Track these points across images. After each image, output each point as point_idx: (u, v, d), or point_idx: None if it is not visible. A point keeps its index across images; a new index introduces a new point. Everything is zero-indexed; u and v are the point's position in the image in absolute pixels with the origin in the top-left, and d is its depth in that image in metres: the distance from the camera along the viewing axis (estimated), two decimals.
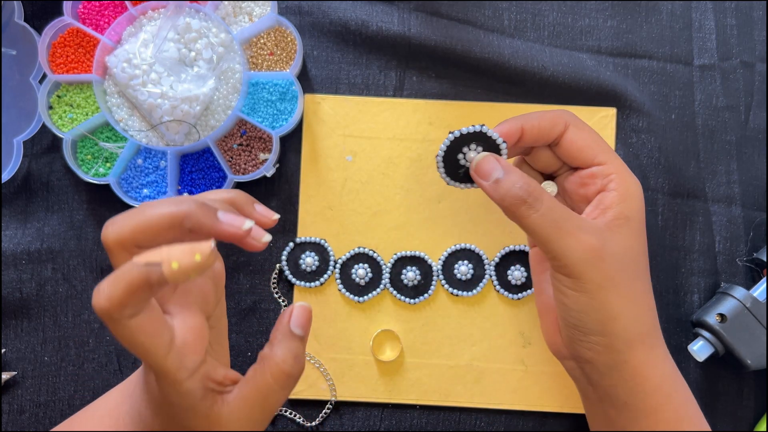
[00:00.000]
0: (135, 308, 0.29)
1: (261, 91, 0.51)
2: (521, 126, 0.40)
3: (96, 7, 0.52)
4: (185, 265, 0.29)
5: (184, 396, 0.32)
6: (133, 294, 0.29)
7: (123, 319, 0.29)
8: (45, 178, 0.53)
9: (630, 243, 0.38)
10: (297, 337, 0.34)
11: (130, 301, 0.29)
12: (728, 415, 0.51)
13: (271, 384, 0.33)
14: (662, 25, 0.54)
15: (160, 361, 0.31)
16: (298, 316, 0.34)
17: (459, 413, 0.51)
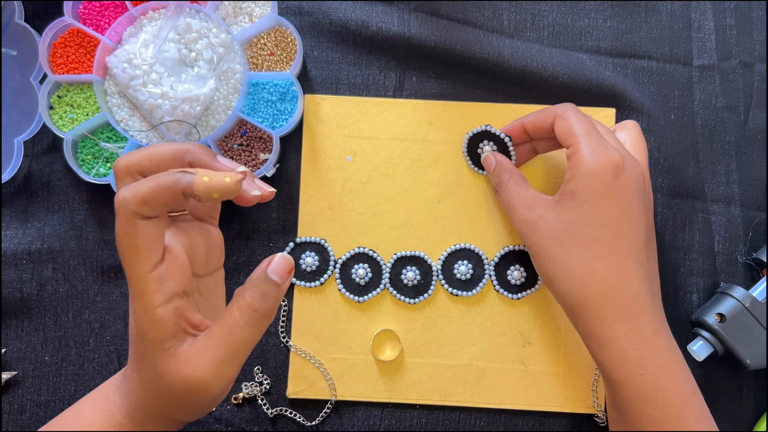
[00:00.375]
0: (153, 210, 0.32)
1: (261, 91, 0.51)
2: (522, 123, 0.48)
3: (96, 8, 0.52)
4: (214, 181, 0.33)
5: (156, 324, 0.33)
6: (159, 194, 0.32)
7: (136, 215, 0.32)
8: (45, 178, 0.53)
9: (568, 216, 0.42)
10: (271, 282, 0.34)
11: (153, 200, 0.32)
12: (728, 414, 0.51)
13: (237, 318, 0.34)
14: (661, 25, 0.54)
15: (144, 272, 0.33)
16: (277, 264, 0.35)
17: (459, 413, 0.51)
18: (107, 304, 0.52)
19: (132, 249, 0.33)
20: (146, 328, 0.33)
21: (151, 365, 0.34)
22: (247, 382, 0.51)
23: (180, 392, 0.34)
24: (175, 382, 0.34)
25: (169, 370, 0.34)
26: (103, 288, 0.52)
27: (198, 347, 0.34)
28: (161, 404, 0.35)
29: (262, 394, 0.51)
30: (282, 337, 0.52)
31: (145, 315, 0.33)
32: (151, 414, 0.36)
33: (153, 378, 0.35)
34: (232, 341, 0.34)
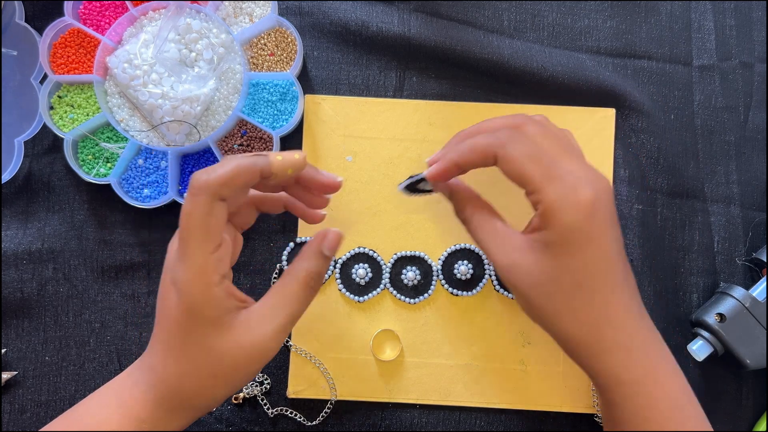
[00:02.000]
0: (231, 191, 0.35)
1: (261, 91, 0.51)
2: (455, 162, 0.39)
3: (97, 8, 0.52)
4: (287, 158, 0.36)
5: (214, 302, 0.35)
6: (239, 175, 0.34)
7: (216, 196, 0.34)
8: (46, 178, 0.53)
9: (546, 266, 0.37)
10: (324, 256, 0.38)
11: (233, 182, 0.34)
12: (727, 414, 0.51)
13: (297, 290, 0.37)
14: (661, 25, 0.54)
15: (208, 252, 0.35)
16: (331, 240, 0.39)
17: (459, 413, 0.51)
18: (107, 304, 0.52)
19: (203, 228, 0.35)
20: (203, 306, 0.35)
21: (201, 344, 0.36)
22: None
23: (236, 363, 0.36)
24: (231, 353, 0.36)
25: (226, 343, 0.36)
26: (103, 288, 0.52)
27: (258, 316, 0.36)
28: (202, 385, 0.36)
29: (262, 394, 0.51)
30: None
31: (204, 293, 0.35)
32: (183, 401, 0.37)
33: (200, 357, 0.36)
34: (291, 309, 0.37)
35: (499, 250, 0.39)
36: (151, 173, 0.51)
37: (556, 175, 0.36)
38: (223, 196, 0.35)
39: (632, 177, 0.53)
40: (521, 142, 0.37)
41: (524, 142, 0.37)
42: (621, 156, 0.53)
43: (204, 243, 0.35)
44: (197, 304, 0.35)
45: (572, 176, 0.36)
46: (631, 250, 0.52)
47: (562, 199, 0.35)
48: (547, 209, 0.36)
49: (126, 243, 0.52)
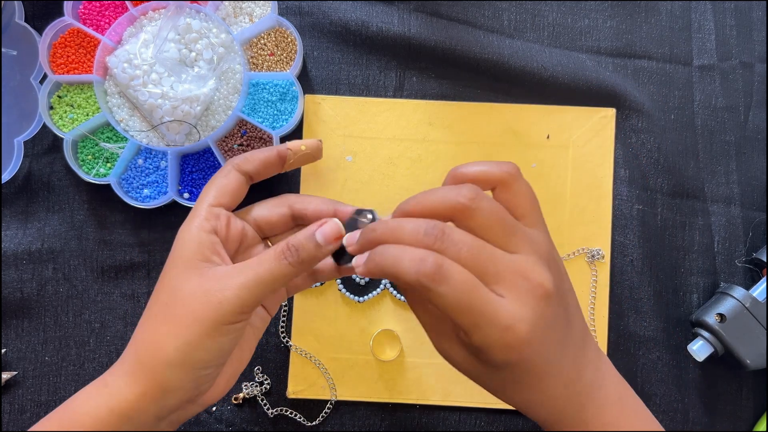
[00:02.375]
0: (252, 167, 0.41)
1: (261, 91, 0.51)
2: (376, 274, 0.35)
3: (97, 8, 0.52)
4: (311, 145, 0.44)
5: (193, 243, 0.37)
6: (260, 154, 0.41)
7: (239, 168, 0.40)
8: (46, 178, 0.53)
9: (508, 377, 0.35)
10: (314, 241, 0.36)
11: (254, 159, 0.41)
12: (727, 414, 0.51)
13: (270, 256, 0.36)
14: (662, 25, 0.54)
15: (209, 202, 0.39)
16: (327, 230, 0.37)
17: (459, 413, 0.51)
18: (107, 304, 0.52)
19: (214, 185, 0.39)
20: (184, 246, 0.37)
21: (171, 285, 0.37)
22: (248, 382, 0.51)
23: (194, 306, 0.35)
24: (193, 296, 0.36)
25: (193, 285, 0.36)
26: (103, 288, 0.52)
27: (226, 270, 0.37)
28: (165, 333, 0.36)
29: (262, 394, 0.51)
30: (282, 337, 0.52)
31: (190, 234, 0.37)
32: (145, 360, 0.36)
33: (168, 299, 0.36)
34: (257, 271, 0.36)
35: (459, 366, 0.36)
36: (151, 173, 0.51)
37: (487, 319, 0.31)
38: (242, 168, 0.40)
39: (632, 177, 0.53)
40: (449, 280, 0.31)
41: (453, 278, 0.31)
42: (621, 156, 0.53)
43: (209, 196, 0.39)
44: (180, 244, 0.37)
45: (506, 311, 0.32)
46: (631, 250, 0.52)
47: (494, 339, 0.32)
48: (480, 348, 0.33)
49: (126, 243, 0.52)
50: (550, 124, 0.53)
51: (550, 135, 0.53)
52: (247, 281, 0.35)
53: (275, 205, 0.42)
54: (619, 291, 0.52)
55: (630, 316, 0.52)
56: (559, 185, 0.52)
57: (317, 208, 0.41)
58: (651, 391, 0.51)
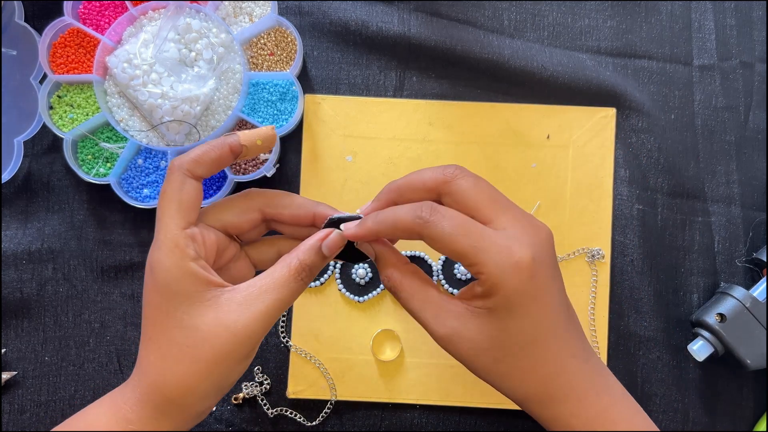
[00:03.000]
0: (204, 168, 0.37)
1: (261, 91, 0.51)
2: (377, 232, 0.37)
3: (96, 8, 0.52)
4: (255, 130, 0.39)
5: (190, 277, 0.35)
6: (209, 152, 0.37)
7: (188, 173, 0.36)
8: (45, 178, 0.53)
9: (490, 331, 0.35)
10: (321, 254, 0.37)
11: (204, 157, 0.37)
12: (728, 414, 0.51)
13: (287, 277, 0.36)
14: (662, 25, 0.54)
15: (179, 227, 0.35)
16: (332, 241, 0.37)
17: (459, 413, 0.51)
18: (107, 304, 0.52)
19: (175, 203, 0.36)
20: (179, 280, 0.35)
21: (181, 324, 0.35)
22: (247, 382, 0.51)
23: (220, 345, 0.34)
24: (214, 333, 0.34)
25: (209, 322, 0.34)
26: (103, 288, 0.52)
27: (244, 296, 0.35)
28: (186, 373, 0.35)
29: (262, 394, 0.51)
30: (282, 337, 0.52)
31: (178, 266, 0.35)
32: (167, 397, 0.35)
33: (182, 339, 0.35)
34: (279, 294, 0.35)
35: (437, 320, 0.36)
36: (151, 173, 0.51)
37: (489, 243, 0.34)
38: (196, 172, 0.37)
39: (632, 177, 0.53)
40: (445, 217, 0.35)
41: (448, 215, 0.35)
42: (621, 156, 0.53)
43: (175, 217, 0.36)
44: (173, 279, 0.35)
45: (507, 238, 0.34)
46: (631, 250, 0.52)
47: (501, 267, 0.34)
48: (488, 279, 0.34)
49: (126, 243, 0.52)
50: (550, 124, 0.53)
51: (550, 135, 0.53)
52: (270, 307, 0.35)
53: (244, 211, 0.39)
54: (619, 291, 0.52)
55: (630, 316, 0.52)
56: (559, 185, 0.52)
57: (294, 214, 0.39)
58: (651, 391, 0.51)
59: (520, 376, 0.36)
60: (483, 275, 0.34)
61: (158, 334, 0.35)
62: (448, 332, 0.36)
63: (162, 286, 0.35)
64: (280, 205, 0.39)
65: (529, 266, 0.34)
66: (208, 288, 0.35)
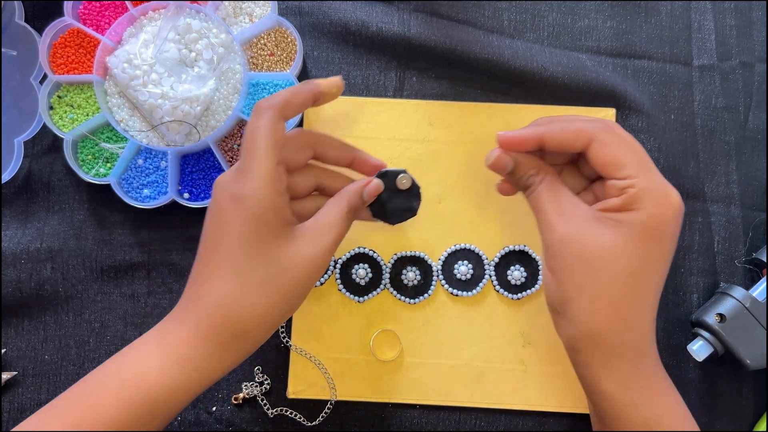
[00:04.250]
0: (292, 111, 0.39)
1: (261, 91, 0.51)
2: (541, 135, 0.39)
3: (97, 8, 0.52)
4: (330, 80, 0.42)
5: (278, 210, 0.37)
6: (296, 96, 0.39)
7: (279, 114, 0.38)
8: (46, 178, 0.53)
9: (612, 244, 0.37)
10: (362, 200, 0.42)
11: (293, 102, 0.39)
12: (727, 414, 0.51)
13: (342, 216, 0.40)
14: (661, 25, 0.54)
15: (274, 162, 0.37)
16: (371, 189, 0.42)
17: (459, 413, 0.51)
18: (107, 304, 0.52)
19: (270, 140, 0.37)
20: (272, 214, 0.37)
21: (268, 255, 0.37)
22: (248, 382, 0.51)
23: (299, 274, 0.38)
24: (295, 263, 0.37)
25: (290, 254, 0.37)
26: (103, 288, 0.52)
27: (314, 231, 0.39)
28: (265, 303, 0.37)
29: (262, 394, 0.51)
30: (282, 337, 0.52)
31: (273, 200, 0.37)
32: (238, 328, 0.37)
33: (267, 269, 0.37)
34: (338, 230, 0.40)
35: (565, 217, 0.38)
36: (151, 173, 0.51)
37: (648, 170, 0.37)
38: (285, 115, 0.39)
39: None
40: (616, 133, 0.38)
41: (619, 133, 0.38)
42: None
43: (271, 153, 0.37)
44: (265, 211, 0.37)
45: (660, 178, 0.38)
46: None
47: (655, 191, 0.37)
48: (639, 195, 0.36)
49: (126, 243, 0.52)
50: None
51: None
52: (333, 242, 0.39)
53: (303, 147, 0.42)
54: None
55: None
56: None
57: (338, 155, 0.44)
58: None
59: (605, 303, 0.37)
60: (633, 189, 0.36)
61: (244, 265, 0.37)
62: (574, 230, 0.37)
63: (253, 217, 0.36)
64: (329, 146, 0.43)
65: (678, 206, 0.37)
66: (288, 222, 0.38)
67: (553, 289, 0.39)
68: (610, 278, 0.37)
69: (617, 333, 0.37)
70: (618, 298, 0.37)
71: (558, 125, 0.39)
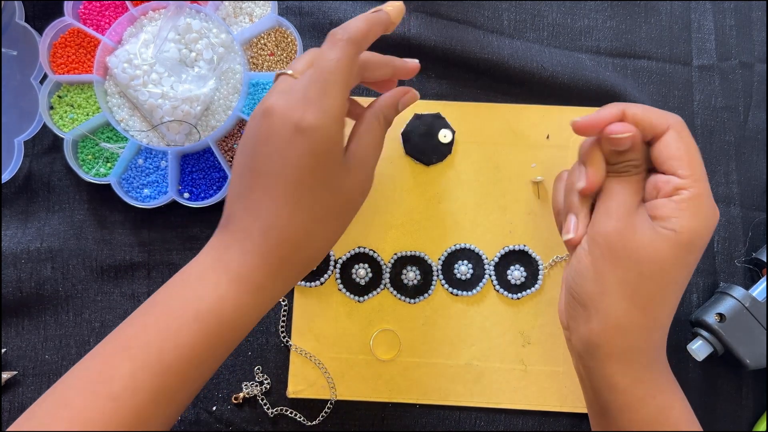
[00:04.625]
0: (368, 41, 0.39)
1: (261, 91, 0.51)
2: (622, 110, 0.39)
3: (97, 8, 0.52)
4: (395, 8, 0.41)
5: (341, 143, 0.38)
6: (372, 27, 0.39)
7: (357, 46, 0.38)
8: (46, 178, 0.53)
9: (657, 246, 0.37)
10: (397, 111, 0.43)
11: (369, 33, 0.39)
12: (727, 414, 0.51)
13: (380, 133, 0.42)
14: (661, 25, 0.55)
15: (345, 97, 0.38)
16: (408, 99, 0.44)
17: (459, 413, 0.51)
18: (107, 304, 0.52)
19: (346, 74, 0.37)
20: (338, 147, 0.38)
21: (332, 184, 0.38)
22: (248, 382, 0.51)
23: (354, 199, 0.40)
24: (353, 189, 0.39)
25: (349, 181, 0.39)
26: (103, 287, 0.52)
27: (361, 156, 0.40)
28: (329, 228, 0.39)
29: (262, 394, 0.51)
30: (282, 337, 0.52)
31: (339, 134, 0.38)
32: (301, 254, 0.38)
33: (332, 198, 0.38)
34: (378, 151, 0.41)
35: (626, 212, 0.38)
36: (151, 173, 0.51)
37: (705, 178, 0.38)
38: (362, 48, 0.39)
39: None
40: (688, 132, 0.38)
41: (689, 134, 0.38)
42: None
43: (345, 87, 0.37)
44: (332, 145, 0.37)
45: (710, 191, 0.38)
46: None
47: (705, 202, 0.37)
48: (691, 201, 0.37)
49: (126, 243, 0.52)
50: (550, 124, 0.53)
51: (550, 135, 0.53)
52: (377, 161, 0.41)
53: (382, 65, 0.43)
54: None
55: None
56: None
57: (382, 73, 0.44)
58: None
59: (644, 302, 0.37)
60: (686, 192, 0.37)
61: (304, 197, 0.37)
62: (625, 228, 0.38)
63: (320, 149, 0.36)
64: (375, 67, 0.43)
65: (715, 221, 0.38)
66: (342, 151, 0.38)
67: (590, 278, 0.39)
68: (651, 280, 0.37)
69: (646, 331, 0.38)
70: (654, 298, 0.38)
71: (641, 108, 0.39)
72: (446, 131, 0.52)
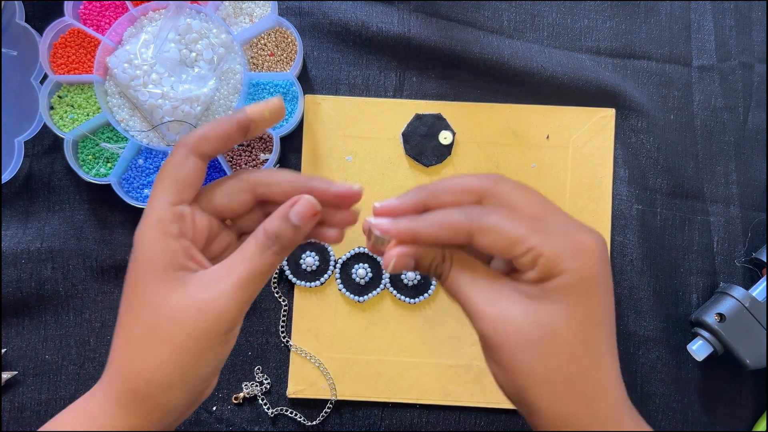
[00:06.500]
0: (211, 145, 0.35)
1: (261, 91, 0.51)
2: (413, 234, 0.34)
3: (97, 8, 0.52)
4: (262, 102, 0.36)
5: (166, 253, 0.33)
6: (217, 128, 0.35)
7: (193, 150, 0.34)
8: (46, 178, 0.53)
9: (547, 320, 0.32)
10: (290, 223, 0.34)
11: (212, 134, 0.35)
12: (727, 414, 0.51)
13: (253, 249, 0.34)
14: (661, 26, 0.55)
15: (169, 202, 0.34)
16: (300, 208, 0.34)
17: (459, 413, 0.51)
18: (107, 304, 0.52)
19: (169, 178, 0.34)
20: (156, 256, 0.33)
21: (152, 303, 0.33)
22: (248, 382, 0.51)
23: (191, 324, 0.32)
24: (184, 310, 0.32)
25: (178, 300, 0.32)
26: (103, 287, 0.52)
27: (212, 274, 0.33)
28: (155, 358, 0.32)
29: (262, 393, 0.51)
30: (282, 337, 0.52)
31: (158, 242, 0.33)
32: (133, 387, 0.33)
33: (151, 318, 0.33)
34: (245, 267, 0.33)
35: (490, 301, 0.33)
36: (152, 173, 0.51)
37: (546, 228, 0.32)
38: (202, 150, 0.34)
39: (632, 177, 0.53)
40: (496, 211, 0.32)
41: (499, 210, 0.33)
42: (621, 156, 0.53)
43: (167, 193, 0.34)
44: (150, 254, 0.33)
45: (565, 227, 0.32)
46: (630, 250, 0.52)
47: (565, 248, 0.31)
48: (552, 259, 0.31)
49: (126, 243, 0.52)
50: (550, 124, 0.53)
51: (550, 135, 0.53)
52: (240, 280, 0.33)
53: (237, 191, 0.36)
54: (618, 291, 0.52)
55: (630, 316, 0.52)
56: (558, 185, 0.52)
57: (286, 191, 0.36)
58: (650, 390, 0.51)
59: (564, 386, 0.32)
60: (542, 259, 0.31)
61: (128, 316, 0.34)
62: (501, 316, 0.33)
63: (139, 261, 0.33)
64: (272, 183, 0.36)
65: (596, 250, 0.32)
66: (180, 267, 0.33)
67: (504, 381, 0.34)
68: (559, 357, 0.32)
69: (586, 410, 0.32)
70: (575, 373, 0.32)
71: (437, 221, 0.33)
72: (447, 133, 0.52)
